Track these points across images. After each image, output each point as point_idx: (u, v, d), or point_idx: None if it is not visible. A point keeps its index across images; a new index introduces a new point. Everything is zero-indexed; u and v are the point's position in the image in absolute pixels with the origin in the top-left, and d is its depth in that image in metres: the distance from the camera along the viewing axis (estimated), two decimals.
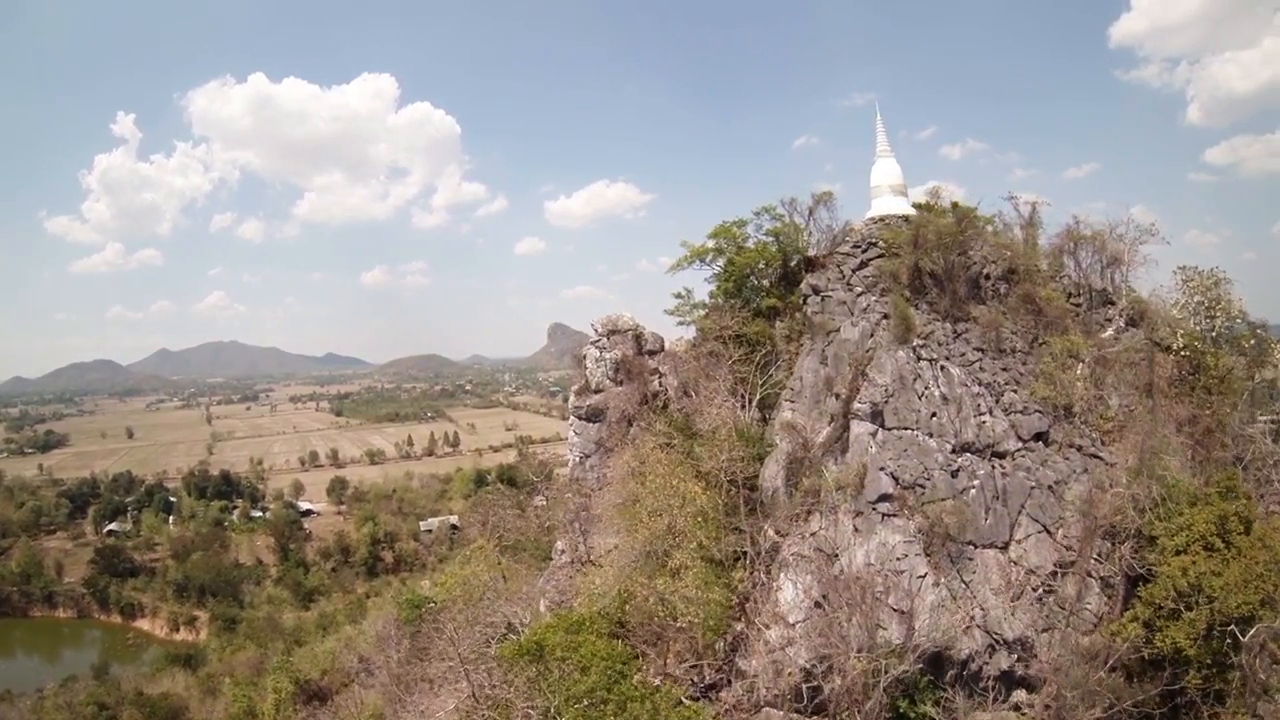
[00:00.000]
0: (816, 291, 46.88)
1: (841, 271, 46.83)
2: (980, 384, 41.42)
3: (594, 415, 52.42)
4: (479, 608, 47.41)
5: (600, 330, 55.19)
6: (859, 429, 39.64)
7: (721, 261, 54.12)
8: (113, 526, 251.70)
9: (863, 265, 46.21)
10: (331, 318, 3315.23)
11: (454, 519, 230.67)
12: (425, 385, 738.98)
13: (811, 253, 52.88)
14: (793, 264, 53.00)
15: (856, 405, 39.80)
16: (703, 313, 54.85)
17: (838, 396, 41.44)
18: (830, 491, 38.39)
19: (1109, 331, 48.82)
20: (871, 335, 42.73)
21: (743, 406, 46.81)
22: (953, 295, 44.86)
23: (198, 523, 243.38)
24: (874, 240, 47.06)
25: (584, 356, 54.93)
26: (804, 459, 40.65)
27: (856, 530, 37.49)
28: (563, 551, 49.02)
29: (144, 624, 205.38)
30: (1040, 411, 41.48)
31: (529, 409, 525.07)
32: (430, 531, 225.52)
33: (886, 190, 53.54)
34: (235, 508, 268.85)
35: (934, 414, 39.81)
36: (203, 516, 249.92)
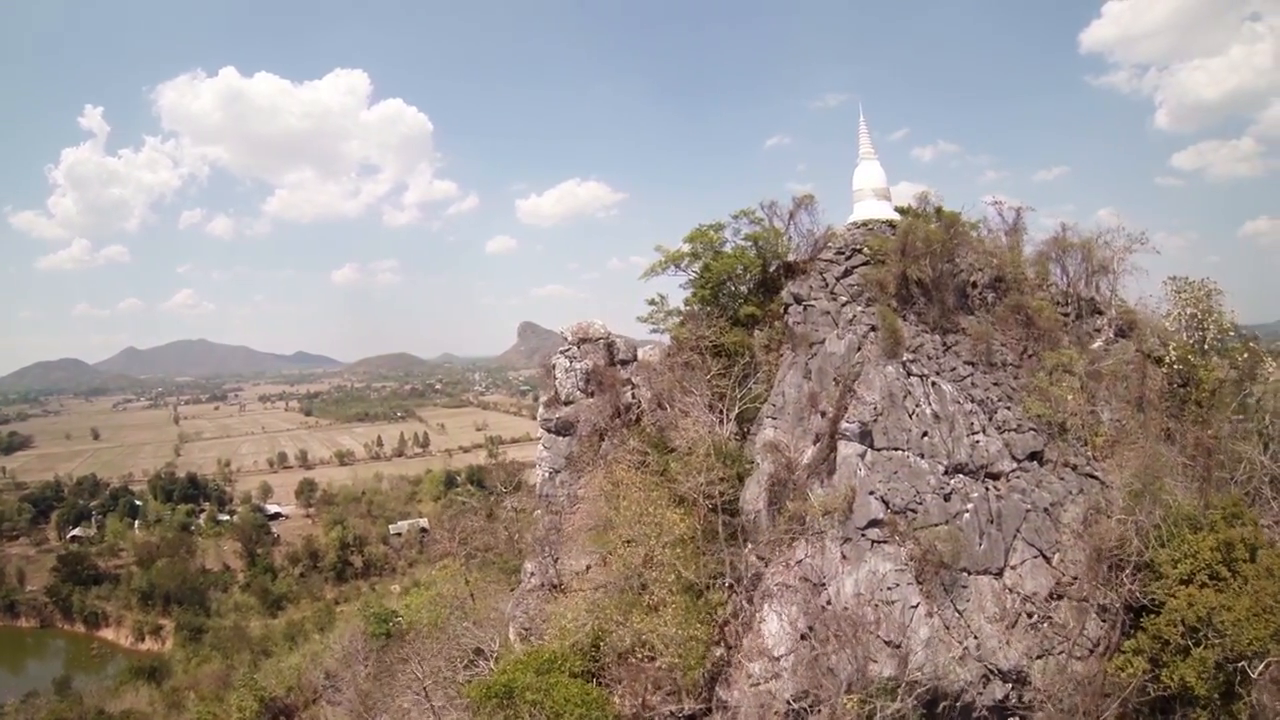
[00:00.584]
0: (798, 301, 44.70)
1: (824, 279, 44.66)
2: (973, 401, 39.53)
3: (564, 428, 49.92)
4: (446, 633, 45.23)
5: (570, 339, 52.59)
6: (847, 450, 37.48)
7: (697, 267, 51.95)
8: (76, 532, 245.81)
9: (847, 273, 44.08)
10: (302, 316, 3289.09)
11: (424, 522, 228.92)
12: (395, 384, 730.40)
13: (792, 258, 50.89)
14: (772, 269, 50.98)
15: (844, 425, 37.62)
16: (678, 320, 52.53)
17: (823, 414, 39.23)
18: (816, 517, 36.26)
19: (1098, 343, 47.30)
20: (859, 349, 40.50)
21: (720, 421, 44.69)
22: (941, 305, 43.01)
23: (163, 527, 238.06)
24: (858, 246, 45.01)
25: (553, 366, 52.20)
26: (788, 480, 38.44)
27: (844, 558, 35.41)
28: (532, 574, 46.52)
29: (109, 633, 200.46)
30: (1034, 429, 39.72)
31: (499, 408, 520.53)
32: (400, 535, 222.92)
33: (869, 194, 51.68)
34: (202, 511, 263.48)
35: (925, 433, 37.79)
36: (169, 521, 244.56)
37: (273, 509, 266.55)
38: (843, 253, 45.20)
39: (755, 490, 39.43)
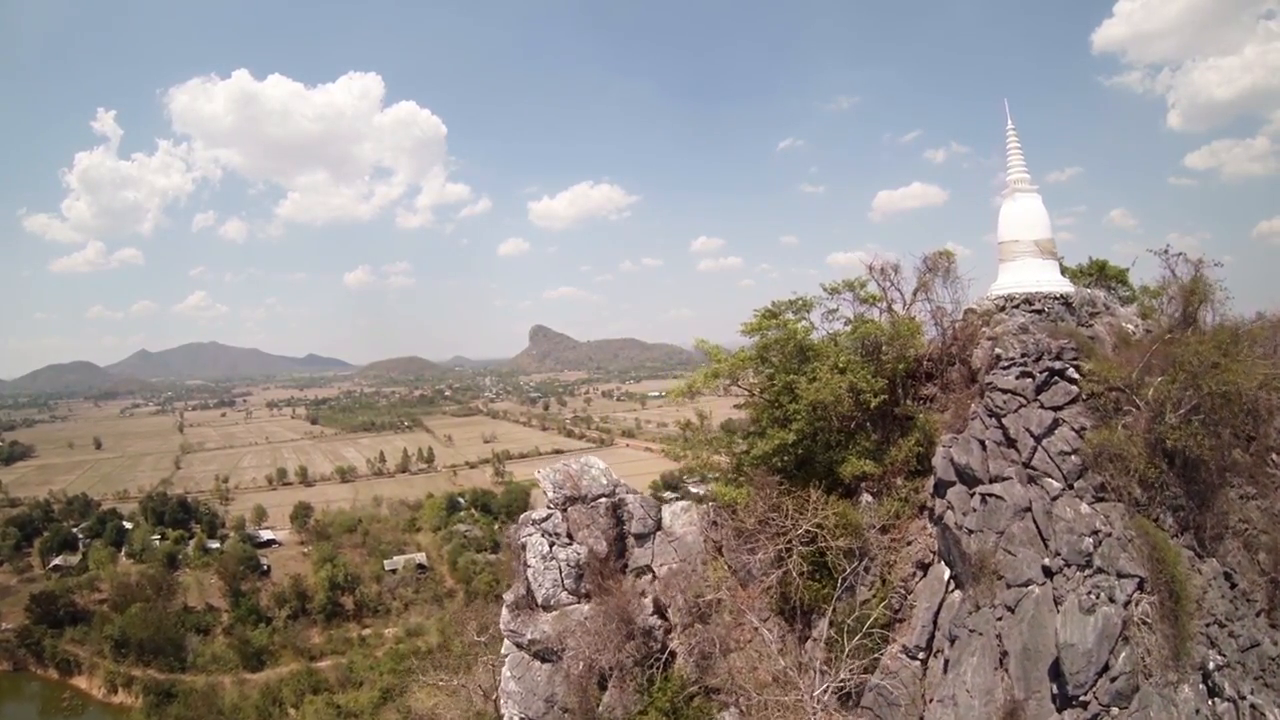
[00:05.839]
0: (965, 478, 24.30)
1: (1004, 429, 24.15)
2: None
3: (543, 653, 29.52)
4: None
5: (552, 494, 31.60)
6: None
7: (766, 372, 31.70)
8: (58, 561, 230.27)
9: (1054, 425, 23.54)
10: (313, 318, 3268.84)
11: (421, 557, 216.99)
12: (405, 389, 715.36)
13: (913, 353, 31.13)
14: (886, 362, 30.74)
15: None
16: (732, 474, 32.00)
17: None
18: None
19: None
20: (1120, 633, 19.78)
21: (801, 667, 24.92)
22: (1205, 490, 22.84)
23: (148, 557, 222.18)
24: (1058, 364, 24.58)
25: (523, 547, 31.11)
26: None
27: None
28: None
29: (82, 681, 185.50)
30: None
31: (509, 417, 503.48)
32: (395, 572, 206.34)
33: (1029, 250, 32.24)
34: (192, 537, 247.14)
35: None
36: (155, 550, 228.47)
37: (266, 535, 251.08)
38: (1030, 374, 24.48)
39: None
